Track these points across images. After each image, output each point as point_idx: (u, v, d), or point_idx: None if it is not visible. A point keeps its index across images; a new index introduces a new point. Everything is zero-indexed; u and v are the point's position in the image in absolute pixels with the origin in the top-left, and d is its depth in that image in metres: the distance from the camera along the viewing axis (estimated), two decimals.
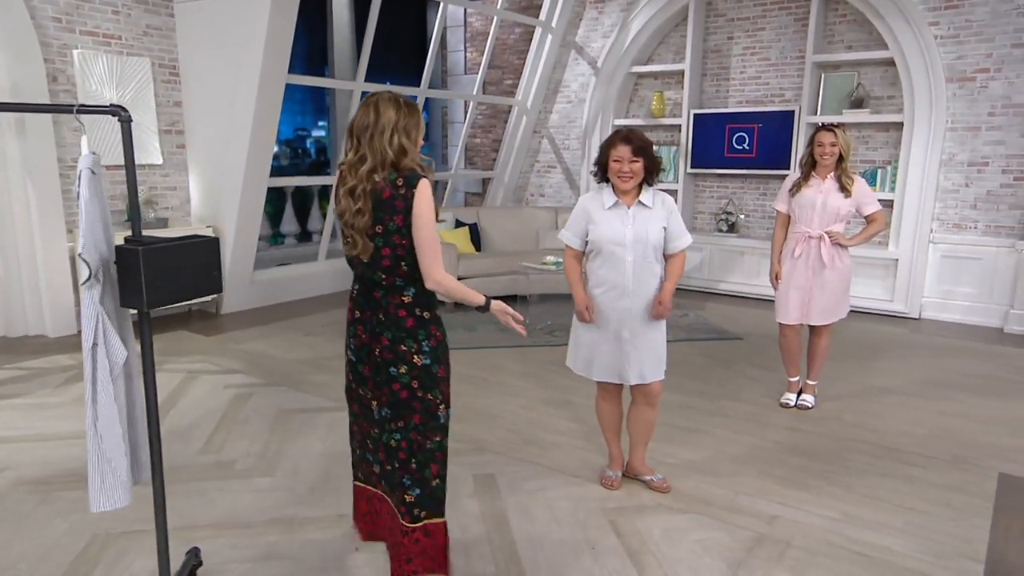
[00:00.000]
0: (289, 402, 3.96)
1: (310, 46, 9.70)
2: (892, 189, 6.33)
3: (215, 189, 5.84)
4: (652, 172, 2.82)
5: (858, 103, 6.46)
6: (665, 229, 2.82)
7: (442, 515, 2.25)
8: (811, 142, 3.76)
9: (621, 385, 2.96)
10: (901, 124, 6.24)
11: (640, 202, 2.82)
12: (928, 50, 5.87)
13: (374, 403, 2.22)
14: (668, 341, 2.97)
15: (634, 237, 2.77)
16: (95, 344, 1.67)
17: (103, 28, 5.24)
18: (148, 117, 5.58)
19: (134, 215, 1.85)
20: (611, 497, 2.96)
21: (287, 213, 8.56)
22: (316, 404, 3.94)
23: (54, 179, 5.01)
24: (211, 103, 5.67)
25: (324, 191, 9.17)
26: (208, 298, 5.79)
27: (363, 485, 2.50)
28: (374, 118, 2.05)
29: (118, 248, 1.69)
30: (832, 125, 3.70)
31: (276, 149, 10.33)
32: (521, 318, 2.33)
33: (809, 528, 2.72)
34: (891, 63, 6.26)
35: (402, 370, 2.13)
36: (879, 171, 6.42)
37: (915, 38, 5.88)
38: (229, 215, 5.76)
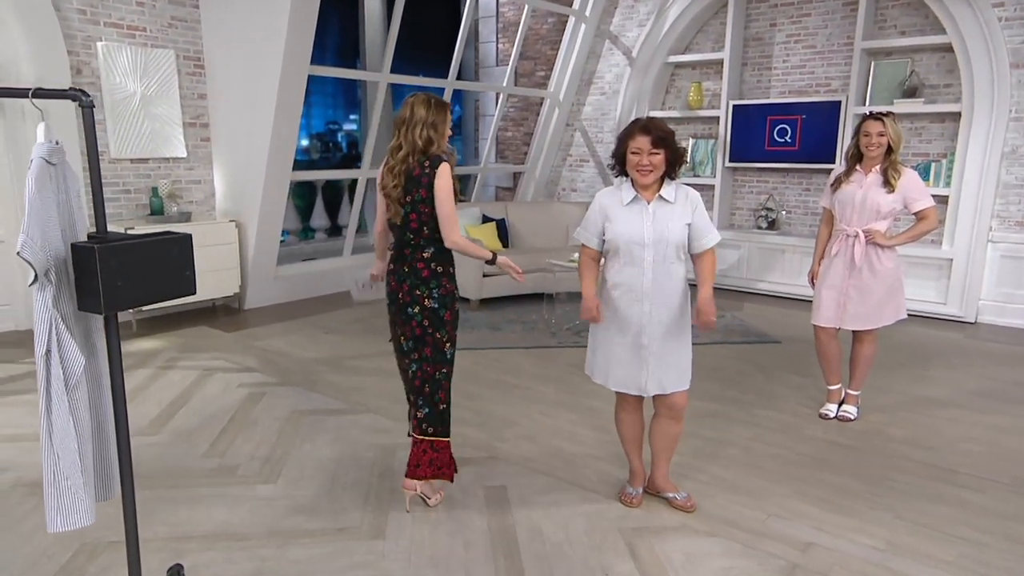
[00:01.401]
0: (301, 403, 3.84)
1: (342, 39, 9.63)
2: (947, 184, 5.91)
3: (238, 183, 5.77)
4: (674, 165, 2.59)
5: (911, 92, 6.05)
6: (689, 226, 2.59)
7: (447, 436, 2.75)
8: (857, 132, 3.46)
9: (642, 396, 2.74)
10: (958, 114, 5.82)
11: (661, 197, 2.59)
12: (991, 33, 5.45)
13: (402, 338, 2.72)
14: (700, 344, 2.76)
15: (654, 235, 2.55)
16: (48, 351, 1.53)
17: (127, 20, 5.19)
18: (173, 110, 5.53)
19: (96, 210, 1.70)
20: (630, 516, 2.74)
21: (317, 207, 8.51)
22: (328, 406, 3.81)
23: (77, 171, 4.97)
24: (235, 95, 5.60)
25: (355, 185, 9.10)
26: (231, 293, 5.73)
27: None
28: (409, 115, 2.61)
29: (73, 246, 1.55)
30: (881, 113, 3.39)
31: (307, 143, 10.28)
32: (520, 270, 2.80)
33: (849, 559, 2.46)
34: (948, 48, 5.84)
35: (416, 310, 2.64)
36: (933, 165, 6.01)
37: (977, 21, 5.46)
38: (252, 209, 5.69)
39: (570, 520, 2.69)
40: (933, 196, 5.95)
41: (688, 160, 7.46)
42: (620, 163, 2.63)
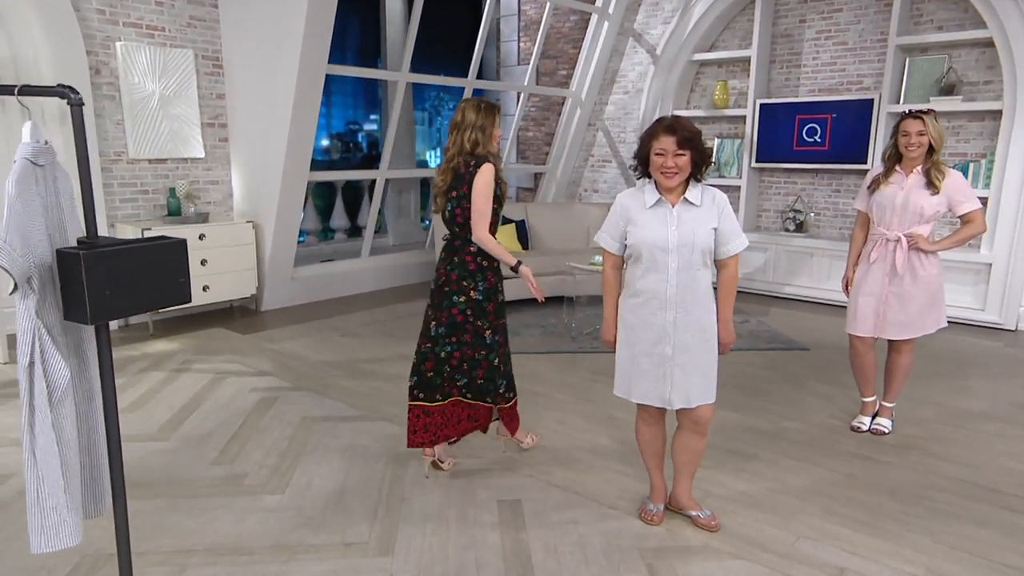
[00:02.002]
0: (314, 409, 3.76)
1: (363, 39, 9.59)
2: (987, 185, 5.66)
3: (255, 183, 5.73)
4: (700, 166, 2.45)
5: (948, 89, 5.81)
6: (715, 231, 2.45)
7: (484, 401, 3.00)
8: (895, 132, 3.29)
9: (664, 408, 2.60)
10: (999, 112, 5.57)
11: (686, 200, 2.45)
12: None
13: (433, 323, 2.92)
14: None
15: (679, 240, 2.41)
16: (31, 363, 1.45)
17: (146, 20, 5.17)
18: (191, 110, 5.51)
19: (86, 214, 1.62)
20: (650, 534, 2.60)
21: (337, 207, 8.46)
22: (340, 412, 3.72)
23: (96, 172, 4.97)
24: (253, 95, 5.55)
25: (373, 185, 9.04)
26: (248, 294, 5.69)
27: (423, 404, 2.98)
28: (461, 119, 2.85)
29: (59, 253, 1.46)
30: (921, 112, 3.21)
31: (327, 143, 10.27)
32: (541, 290, 2.95)
33: None
34: (989, 44, 5.60)
35: (461, 299, 2.86)
36: (971, 165, 5.76)
37: (1020, 13, 5.21)
38: (269, 210, 5.64)
39: (587, 538, 2.56)
40: None
41: (714, 161, 7.27)
42: (643, 164, 2.50)
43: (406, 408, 2.89)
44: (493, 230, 2.83)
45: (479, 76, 9.50)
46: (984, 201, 5.70)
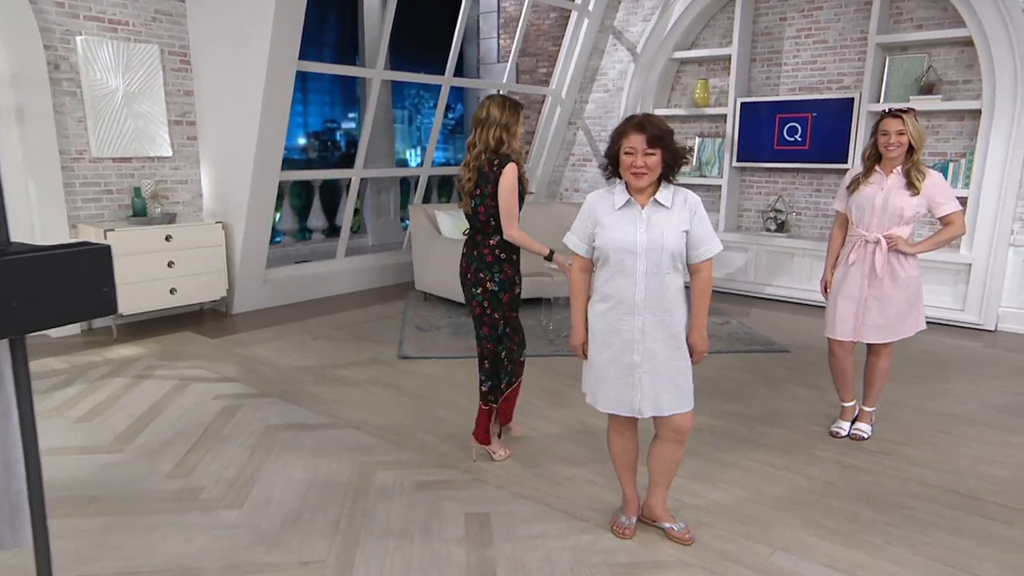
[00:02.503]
0: (279, 416, 3.63)
1: (341, 36, 9.43)
2: (966, 185, 5.63)
3: (225, 183, 5.57)
4: (672, 166, 2.35)
5: (928, 88, 5.78)
6: (687, 233, 2.36)
7: (495, 401, 3.15)
8: (875, 131, 3.21)
9: (636, 417, 2.50)
10: (978, 112, 5.54)
11: (656, 201, 2.36)
12: (1015, 26, 5.16)
13: (470, 314, 3.11)
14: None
15: (647, 243, 2.31)
16: None
17: (109, 13, 5.00)
18: (157, 107, 5.34)
19: None
20: (621, 549, 2.51)
21: (315, 207, 8.30)
22: (307, 419, 3.60)
23: (55, 171, 4.79)
24: (223, 92, 5.39)
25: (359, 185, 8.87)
26: (217, 297, 5.53)
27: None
28: (485, 115, 2.91)
29: None
30: (901, 110, 3.14)
31: (304, 141, 10.10)
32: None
33: None
34: (968, 43, 5.56)
35: (479, 291, 3.00)
36: (951, 164, 5.73)
37: (999, 12, 5.18)
38: (239, 210, 5.49)
39: (555, 554, 2.46)
40: None
41: (694, 160, 7.21)
42: (613, 164, 2.40)
43: (376, 414, 2.88)
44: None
45: (460, 74, 9.38)
46: (963, 201, 5.66)
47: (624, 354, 2.39)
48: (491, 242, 2.97)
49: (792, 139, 6.49)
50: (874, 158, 3.23)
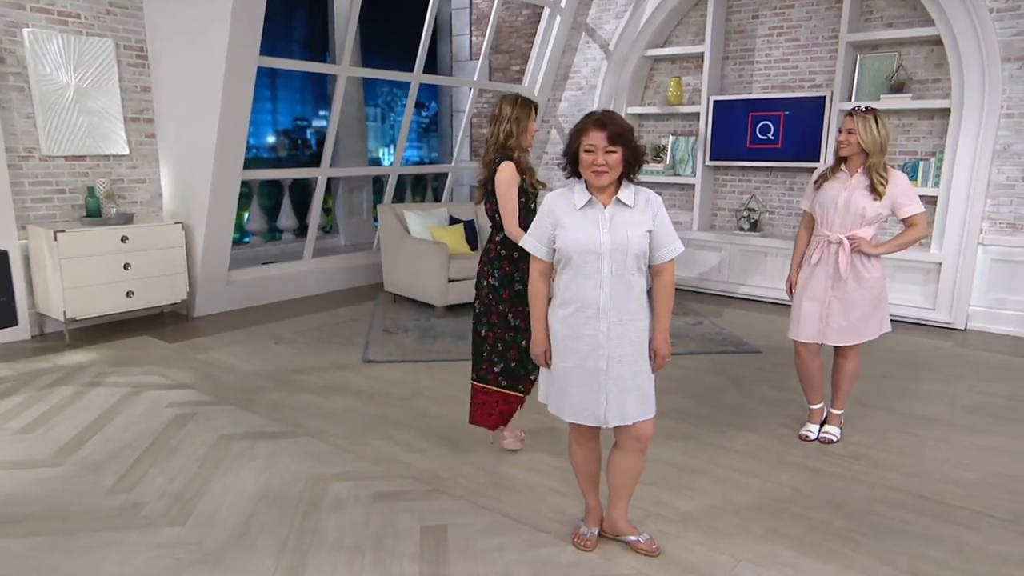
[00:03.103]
0: (233, 425, 3.49)
1: (310, 32, 9.23)
2: (936, 184, 5.63)
3: (185, 182, 5.40)
4: (633, 165, 2.27)
5: (898, 87, 5.77)
6: (650, 233, 2.28)
7: (517, 391, 3.15)
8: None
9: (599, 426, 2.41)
10: (947, 110, 5.54)
11: (619, 200, 2.27)
12: (981, 25, 5.16)
13: (477, 302, 3.15)
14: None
15: (612, 244, 2.22)
16: None
17: (58, 5, 4.80)
18: (112, 103, 5.15)
19: None
20: (582, 562, 2.42)
21: (285, 207, 8.12)
22: (262, 428, 3.46)
23: (1, 170, 4.59)
24: (182, 89, 5.22)
25: (328, 184, 8.70)
26: (178, 299, 5.36)
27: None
28: (498, 112, 3.00)
29: None
30: (861, 109, 3.08)
31: (273, 139, 9.87)
32: None
33: None
34: (937, 41, 5.56)
35: (484, 283, 3.10)
36: (921, 163, 5.73)
37: (966, 11, 5.17)
38: (199, 210, 5.32)
39: (513, 568, 2.36)
40: (922, 197, 5.70)
41: (668, 159, 7.15)
42: (572, 162, 2.31)
43: (335, 421, 2.76)
44: (523, 223, 2.88)
45: (434, 71, 9.24)
46: (933, 200, 5.67)
47: (589, 360, 2.30)
48: (496, 238, 3.06)
49: (765, 137, 6.45)
50: (839, 154, 3.18)
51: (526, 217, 2.93)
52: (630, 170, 2.29)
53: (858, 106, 3.12)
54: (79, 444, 3.22)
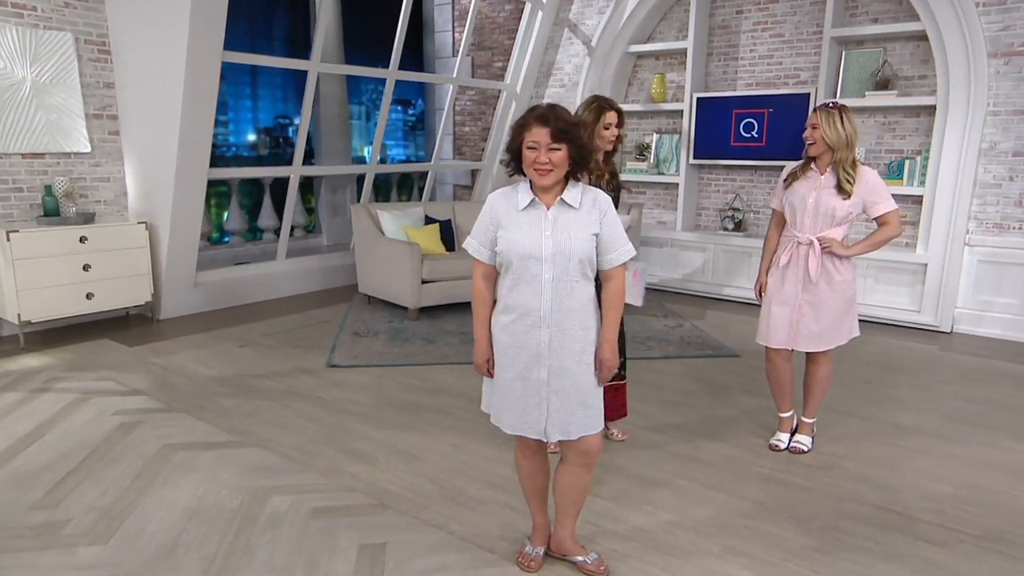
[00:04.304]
0: (179, 434, 3.34)
1: (292, 29, 9.10)
2: (922, 183, 5.49)
3: (150, 180, 5.25)
4: (580, 163, 2.13)
5: (884, 84, 5.62)
6: (597, 237, 2.13)
7: (624, 379, 3.25)
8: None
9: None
10: (933, 107, 5.40)
11: (563, 201, 2.12)
12: (967, 20, 5.02)
13: None
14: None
15: (554, 247, 2.08)
16: None
17: None
18: (72, 99, 5.00)
19: None
20: None
21: (265, 206, 7.97)
22: (209, 438, 3.32)
23: None
24: (146, 85, 5.07)
25: (307, 183, 8.55)
26: (142, 301, 5.21)
27: None
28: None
29: None
30: (824, 106, 2.94)
31: (254, 137, 9.76)
32: None
33: None
34: (923, 37, 5.42)
35: None
36: (907, 162, 5.59)
37: (952, 6, 5.03)
38: (164, 210, 5.17)
39: None
40: (908, 196, 5.58)
41: (652, 157, 7.01)
42: (516, 159, 2.16)
43: (287, 430, 2.59)
44: None
45: (420, 68, 9.08)
46: (919, 200, 5.53)
47: (531, 370, 2.15)
48: None
49: (749, 135, 6.31)
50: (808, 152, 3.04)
51: None
52: (577, 169, 2.15)
53: (827, 102, 2.99)
54: (13, 455, 3.08)
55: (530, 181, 2.16)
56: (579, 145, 2.12)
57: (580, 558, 2.35)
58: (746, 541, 2.52)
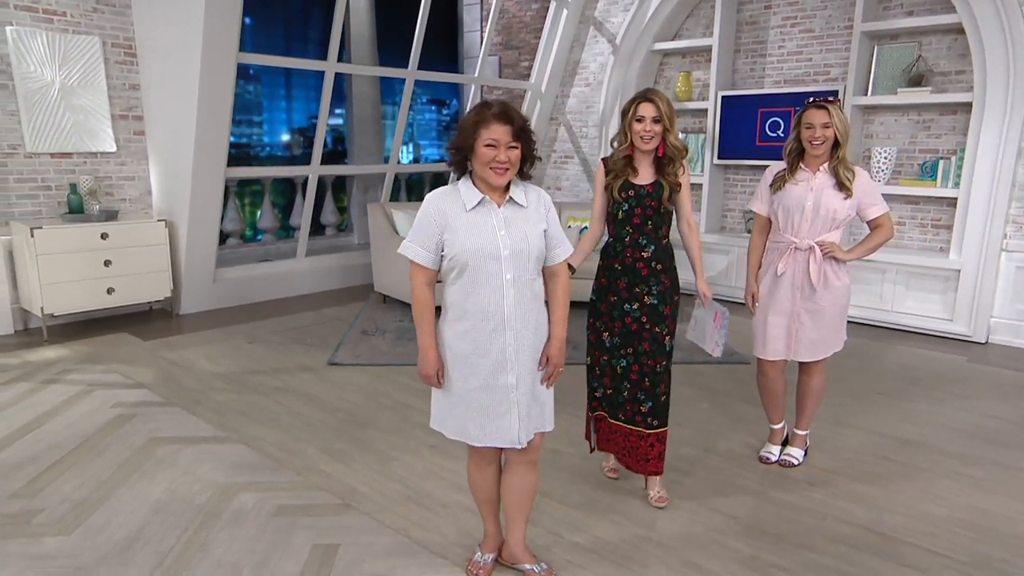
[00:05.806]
0: (168, 428, 3.42)
1: (326, 31, 9.25)
2: (956, 184, 5.18)
3: (171, 179, 5.42)
4: (529, 161, 2.07)
5: (918, 80, 5.33)
6: (546, 233, 2.09)
7: (666, 424, 2.75)
8: (798, 123, 2.88)
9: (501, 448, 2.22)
10: (970, 105, 5.08)
11: (512, 200, 2.07)
12: (1008, 12, 4.70)
13: (606, 334, 2.73)
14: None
15: (512, 247, 2.02)
16: None
17: (43, 3, 4.86)
18: (99, 101, 5.19)
19: None
20: None
21: (297, 205, 8.13)
22: (198, 432, 3.38)
23: None
24: (169, 86, 5.23)
25: (340, 182, 8.68)
26: (162, 297, 5.38)
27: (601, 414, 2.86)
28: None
29: None
30: (825, 100, 2.79)
31: (288, 138, 9.94)
32: None
33: None
34: (960, 30, 5.11)
35: (634, 307, 2.67)
36: (941, 162, 5.28)
37: None
38: (182, 208, 5.32)
39: None
40: (942, 198, 5.29)
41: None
42: (465, 158, 2.11)
43: (273, 428, 2.60)
44: (599, 228, 2.79)
45: (453, 69, 9.11)
46: (953, 202, 5.23)
47: (497, 377, 2.08)
48: (643, 253, 2.73)
49: (775, 135, 6.08)
50: (797, 153, 2.89)
51: (612, 222, 2.71)
52: (524, 166, 2.09)
53: (814, 98, 2.84)
54: (7, 444, 3.21)
55: (472, 180, 2.09)
56: (531, 144, 2.07)
57: (528, 566, 2.29)
58: (708, 558, 2.41)
